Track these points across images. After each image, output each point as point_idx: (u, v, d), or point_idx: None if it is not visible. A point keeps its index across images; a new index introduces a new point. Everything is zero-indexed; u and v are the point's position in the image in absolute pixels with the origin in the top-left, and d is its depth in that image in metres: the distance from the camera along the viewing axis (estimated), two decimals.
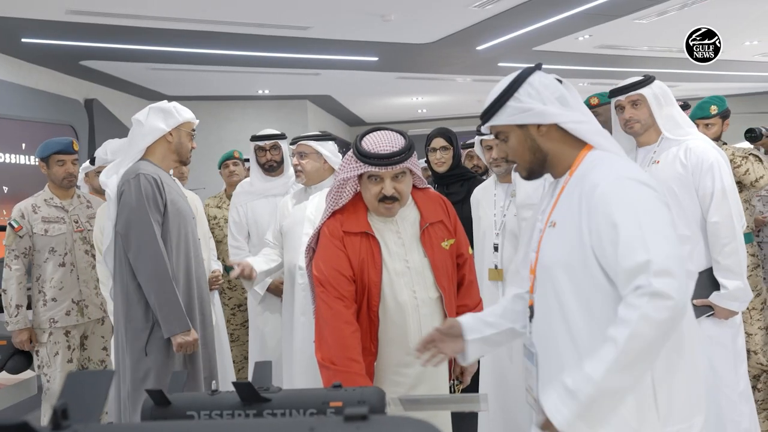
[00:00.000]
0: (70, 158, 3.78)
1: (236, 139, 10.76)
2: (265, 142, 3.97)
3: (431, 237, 2.37)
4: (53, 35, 6.57)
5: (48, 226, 3.71)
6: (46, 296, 3.69)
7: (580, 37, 7.91)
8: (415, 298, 2.31)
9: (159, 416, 1.44)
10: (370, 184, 2.27)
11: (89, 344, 3.85)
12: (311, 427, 0.81)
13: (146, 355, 2.70)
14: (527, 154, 1.74)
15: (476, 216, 3.21)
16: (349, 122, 15.81)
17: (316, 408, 1.38)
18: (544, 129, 1.69)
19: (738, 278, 2.73)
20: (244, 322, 4.39)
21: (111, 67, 8.25)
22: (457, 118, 15.13)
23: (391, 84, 10.71)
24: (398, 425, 0.82)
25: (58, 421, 0.83)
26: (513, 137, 1.73)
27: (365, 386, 1.68)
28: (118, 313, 2.78)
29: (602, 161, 1.65)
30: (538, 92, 1.69)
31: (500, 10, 6.63)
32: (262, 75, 9.43)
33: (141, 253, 2.68)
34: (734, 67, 10.21)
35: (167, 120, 2.86)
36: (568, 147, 1.70)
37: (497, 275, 3.02)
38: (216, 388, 1.49)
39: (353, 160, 2.28)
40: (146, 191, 2.71)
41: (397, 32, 7.37)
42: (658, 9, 6.95)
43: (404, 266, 2.32)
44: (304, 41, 7.47)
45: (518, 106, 1.69)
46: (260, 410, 1.40)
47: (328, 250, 2.29)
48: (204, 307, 2.92)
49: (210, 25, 6.63)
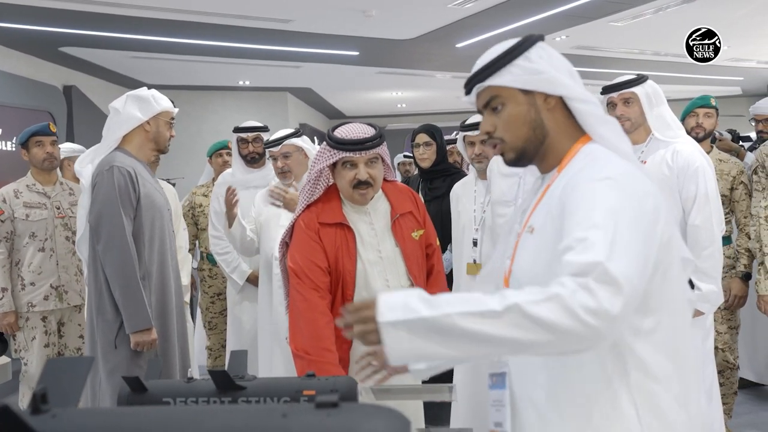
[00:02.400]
0: (48, 139, 3.75)
1: (216, 129, 10.68)
2: (248, 134, 3.98)
3: (402, 228, 2.44)
4: (33, 20, 6.47)
5: (29, 211, 3.69)
6: (24, 280, 3.68)
7: (557, 37, 7.97)
8: (388, 286, 2.37)
9: (135, 402, 1.45)
10: (344, 170, 2.34)
11: (66, 331, 3.83)
12: (284, 413, 0.84)
13: (115, 348, 2.68)
14: (525, 129, 1.42)
15: (455, 211, 3.25)
16: (329, 115, 15.77)
17: (290, 396, 1.41)
18: (552, 102, 1.40)
19: (713, 282, 2.75)
20: (222, 311, 4.40)
21: (91, 54, 8.14)
22: (436, 114, 15.17)
23: (372, 78, 10.71)
24: (367, 413, 0.84)
25: (37, 405, 0.84)
26: (512, 105, 1.41)
27: (338, 375, 1.71)
28: (91, 304, 2.77)
29: (595, 159, 1.36)
30: (550, 57, 1.41)
31: (480, 9, 6.67)
32: (244, 66, 9.37)
33: (109, 248, 2.66)
34: (706, 70, 10.36)
35: (144, 109, 2.81)
36: (565, 135, 1.42)
37: (475, 270, 3.06)
38: (191, 376, 1.51)
39: (327, 151, 2.35)
40: (119, 185, 2.67)
41: (378, 28, 7.38)
42: (633, 12, 7.04)
43: (377, 256, 2.38)
44: (285, 34, 7.45)
45: (529, 66, 1.39)
46: (235, 398, 1.42)
47: (304, 242, 2.33)
48: (179, 298, 2.91)
49: (192, 15, 6.58)
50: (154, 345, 2.70)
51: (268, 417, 0.84)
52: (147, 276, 2.73)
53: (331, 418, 0.82)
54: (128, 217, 2.69)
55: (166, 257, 2.84)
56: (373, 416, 0.83)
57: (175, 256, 2.95)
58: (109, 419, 0.84)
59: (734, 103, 13.61)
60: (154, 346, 2.71)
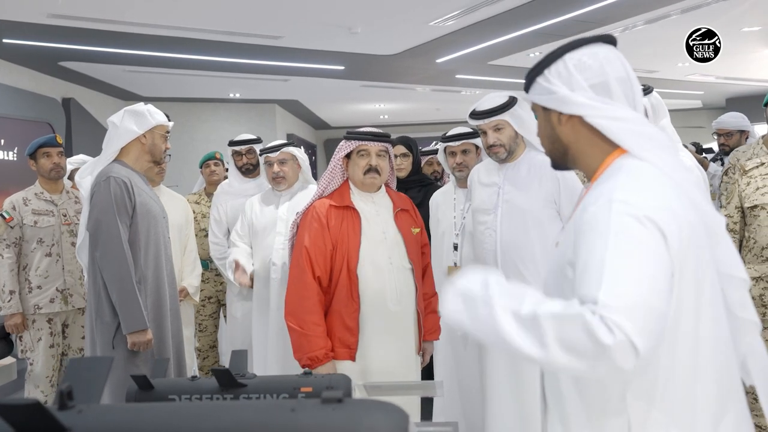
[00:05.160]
0: (55, 150, 3.77)
1: (208, 138, 10.66)
2: (241, 147, 4.04)
3: (402, 220, 2.64)
4: (34, 37, 6.43)
5: (38, 218, 3.70)
6: (32, 284, 3.68)
7: (530, 53, 8.06)
8: (391, 264, 2.54)
9: (143, 399, 1.46)
10: (358, 158, 2.59)
11: (70, 333, 3.82)
12: (293, 408, 0.87)
13: (113, 348, 2.69)
14: (545, 141, 1.43)
15: (435, 218, 3.29)
16: (315, 126, 15.78)
17: (288, 393, 1.43)
18: (564, 119, 1.36)
19: None
20: (212, 313, 4.44)
21: (88, 68, 8.10)
22: (417, 125, 15.24)
23: (356, 91, 10.75)
24: (369, 407, 0.88)
25: (64, 401, 0.86)
26: (539, 118, 1.43)
27: (333, 373, 1.75)
28: (90, 307, 2.78)
29: (619, 173, 1.27)
30: (569, 74, 1.34)
31: (459, 27, 6.74)
32: (235, 79, 9.37)
33: (106, 254, 2.68)
34: (668, 85, 10.53)
35: (140, 123, 2.85)
36: (595, 147, 1.35)
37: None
38: (195, 374, 1.53)
39: (345, 143, 2.63)
40: (116, 194, 2.70)
41: (362, 44, 7.43)
42: (601, 31, 7.15)
43: (382, 236, 2.57)
44: (275, 49, 7.47)
45: (545, 86, 1.37)
46: (237, 395, 1.44)
47: (314, 227, 2.52)
48: (173, 301, 2.93)
49: (186, 32, 6.58)
50: (149, 345, 2.71)
51: (278, 412, 0.87)
52: (143, 280, 2.75)
53: (336, 412, 0.85)
54: (124, 225, 2.71)
55: (161, 262, 2.85)
56: (375, 411, 0.87)
57: (171, 260, 2.95)
58: (130, 414, 0.87)
59: (695, 115, 13.84)
60: (150, 347, 2.72)
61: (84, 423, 0.84)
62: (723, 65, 9.12)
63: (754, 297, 3.35)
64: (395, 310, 2.49)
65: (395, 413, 0.87)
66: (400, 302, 2.50)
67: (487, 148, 2.74)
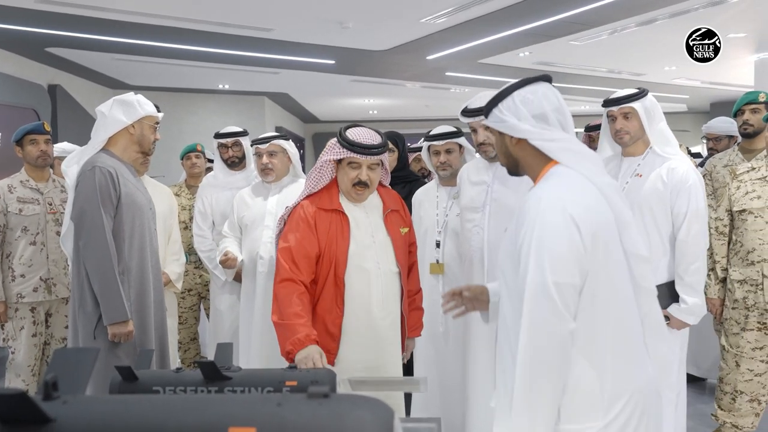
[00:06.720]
0: (42, 138, 3.72)
1: (196, 130, 10.59)
2: (227, 140, 3.99)
3: (392, 222, 2.57)
4: (21, 22, 6.35)
5: (23, 206, 3.65)
6: (15, 272, 3.63)
7: (520, 53, 8.10)
8: (379, 268, 2.47)
9: (127, 391, 1.45)
10: (349, 169, 2.46)
11: (53, 322, 3.78)
12: (279, 402, 0.87)
13: (95, 339, 2.67)
14: (501, 156, 1.83)
15: (417, 216, 3.29)
16: (304, 119, 15.74)
17: (273, 386, 1.43)
18: (515, 140, 1.74)
19: (697, 295, 2.76)
20: (192, 306, 4.42)
21: (76, 55, 8.01)
22: (406, 121, 15.25)
23: (346, 86, 10.74)
24: (355, 403, 0.88)
25: (49, 392, 0.86)
26: (496, 138, 1.82)
27: (318, 368, 1.74)
28: (74, 297, 2.76)
29: (551, 178, 1.69)
30: (516, 108, 1.72)
31: (450, 24, 6.74)
32: (224, 71, 9.32)
33: (89, 244, 2.65)
34: (655, 88, 10.62)
35: (129, 113, 2.81)
36: (537, 160, 1.74)
37: (438, 269, 3.11)
38: (179, 366, 1.52)
39: (337, 146, 2.46)
40: (100, 184, 2.67)
41: (353, 39, 7.41)
42: (590, 33, 7.19)
43: (371, 240, 2.49)
44: (266, 42, 7.43)
45: (498, 115, 1.75)
46: (221, 387, 1.43)
47: (299, 227, 2.44)
48: (158, 293, 2.91)
49: (176, 21, 6.52)
50: (130, 337, 2.68)
51: (264, 406, 0.87)
52: (126, 271, 2.72)
53: (322, 407, 0.85)
54: (108, 215, 2.68)
55: (146, 253, 2.82)
56: (360, 406, 0.87)
57: (156, 252, 2.93)
58: (116, 406, 0.86)
59: (680, 119, 13.96)
60: (131, 338, 2.69)
61: (69, 414, 0.83)
62: (708, 70, 9.22)
63: (738, 299, 3.34)
64: (380, 316, 2.46)
65: (381, 409, 0.87)
66: (385, 307, 2.47)
67: (477, 145, 2.74)
